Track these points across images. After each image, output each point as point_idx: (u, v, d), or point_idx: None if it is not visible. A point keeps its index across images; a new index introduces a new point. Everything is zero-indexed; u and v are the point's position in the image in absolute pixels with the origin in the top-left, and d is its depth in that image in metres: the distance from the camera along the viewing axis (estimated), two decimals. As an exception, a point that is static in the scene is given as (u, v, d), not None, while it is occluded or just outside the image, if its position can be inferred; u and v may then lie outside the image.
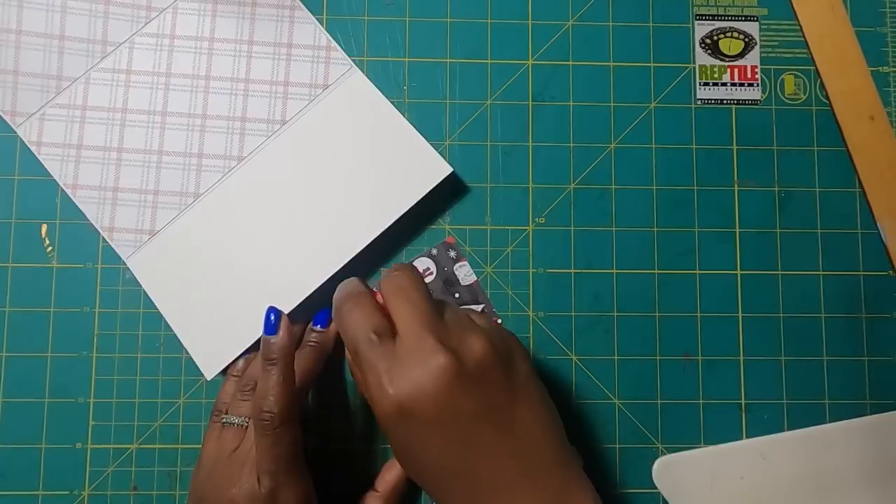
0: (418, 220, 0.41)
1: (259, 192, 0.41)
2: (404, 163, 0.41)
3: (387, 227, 0.40)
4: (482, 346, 0.30)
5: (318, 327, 0.39)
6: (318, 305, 0.40)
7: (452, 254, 0.42)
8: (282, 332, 0.35)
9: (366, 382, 0.30)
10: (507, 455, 0.30)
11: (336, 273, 0.40)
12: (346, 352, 0.36)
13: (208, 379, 0.39)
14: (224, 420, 0.37)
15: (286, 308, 0.39)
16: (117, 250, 0.40)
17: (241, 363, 0.39)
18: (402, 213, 0.40)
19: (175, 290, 0.40)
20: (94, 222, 0.41)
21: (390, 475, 0.38)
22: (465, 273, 0.41)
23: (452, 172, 0.40)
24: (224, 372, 0.40)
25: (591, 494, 0.31)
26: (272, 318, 0.35)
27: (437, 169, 0.40)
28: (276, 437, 0.33)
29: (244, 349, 0.39)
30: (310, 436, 0.38)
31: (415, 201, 0.40)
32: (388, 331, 0.31)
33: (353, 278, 0.34)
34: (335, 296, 0.33)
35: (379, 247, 0.40)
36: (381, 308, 0.32)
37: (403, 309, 0.31)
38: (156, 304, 0.40)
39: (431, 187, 0.40)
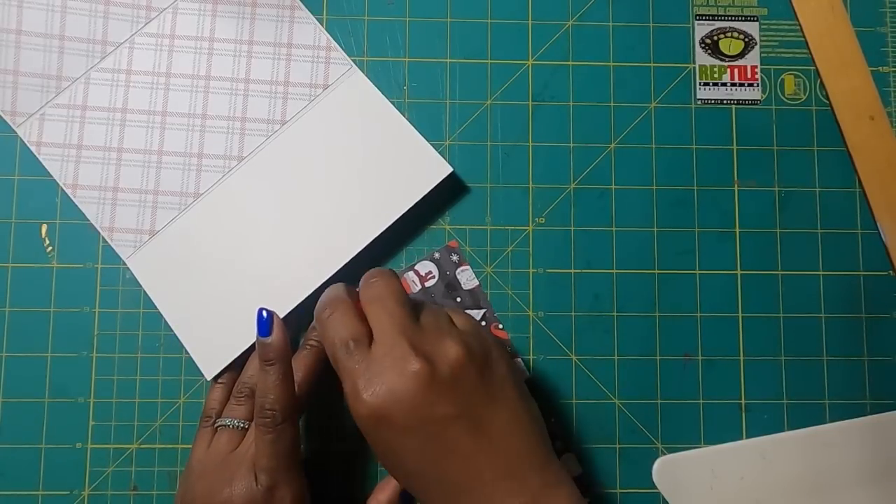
0: (418, 221, 0.41)
1: (259, 192, 0.41)
2: (404, 163, 0.41)
3: (387, 227, 0.40)
4: (457, 351, 0.30)
5: None
6: (318, 305, 0.40)
7: (455, 258, 0.42)
8: (275, 333, 0.35)
9: (344, 389, 0.30)
10: (483, 459, 0.30)
11: (336, 273, 0.40)
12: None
13: (208, 379, 0.39)
14: (218, 424, 0.37)
15: (286, 308, 0.39)
16: (117, 250, 0.40)
17: (225, 375, 0.39)
18: (401, 213, 0.40)
19: (175, 290, 0.40)
20: (94, 222, 0.41)
21: (383, 495, 0.37)
22: (467, 277, 0.41)
23: (452, 172, 0.40)
24: (219, 374, 0.40)
25: (573, 496, 0.31)
26: (264, 318, 0.35)
27: (437, 169, 0.40)
28: (277, 434, 0.33)
29: (244, 349, 0.39)
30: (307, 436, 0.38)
31: (415, 201, 0.40)
32: (365, 338, 0.31)
33: (338, 284, 0.34)
34: (318, 302, 0.33)
35: (379, 247, 0.40)
36: (361, 315, 0.32)
37: (379, 316, 0.31)
38: (156, 304, 0.40)
39: (431, 187, 0.40)
